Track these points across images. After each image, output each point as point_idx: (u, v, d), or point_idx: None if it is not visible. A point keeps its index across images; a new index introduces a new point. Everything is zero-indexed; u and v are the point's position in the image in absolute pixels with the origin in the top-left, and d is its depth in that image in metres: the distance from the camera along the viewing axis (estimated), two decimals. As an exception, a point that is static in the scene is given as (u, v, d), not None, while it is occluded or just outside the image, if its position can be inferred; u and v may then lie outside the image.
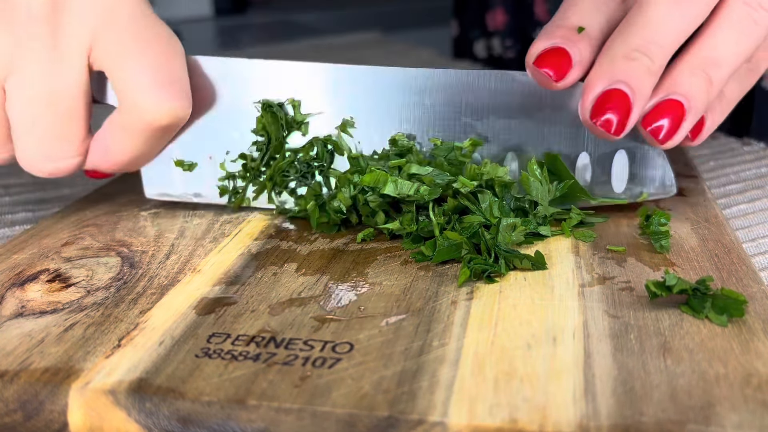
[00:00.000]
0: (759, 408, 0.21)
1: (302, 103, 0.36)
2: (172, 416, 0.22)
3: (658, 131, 0.31)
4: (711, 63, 0.31)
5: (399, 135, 0.35)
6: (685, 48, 0.31)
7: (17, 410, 0.23)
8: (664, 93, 0.31)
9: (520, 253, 0.30)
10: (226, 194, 0.37)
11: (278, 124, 0.36)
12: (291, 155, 0.36)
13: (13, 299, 0.29)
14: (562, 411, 0.21)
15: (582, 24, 0.33)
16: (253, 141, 0.37)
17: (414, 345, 0.25)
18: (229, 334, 0.26)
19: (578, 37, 0.32)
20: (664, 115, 0.31)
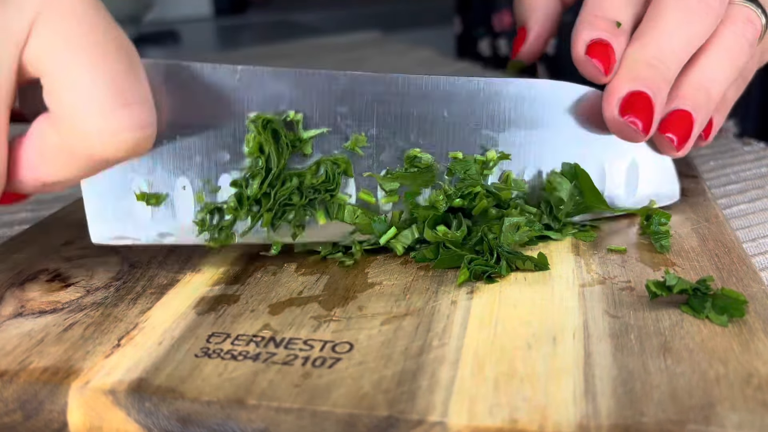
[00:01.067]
0: (759, 408, 0.21)
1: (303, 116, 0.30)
2: (172, 416, 0.22)
3: (673, 139, 0.33)
4: (710, 81, 0.34)
5: (416, 151, 0.32)
6: (686, 67, 0.34)
7: (17, 410, 0.23)
8: (674, 104, 0.33)
9: (523, 254, 0.30)
10: (205, 231, 0.30)
11: (280, 144, 0.29)
12: (294, 180, 0.30)
13: (12, 299, 0.29)
14: (562, 411, 0.21)
15: (618, 17, 0.34)
16: (246, 165, 0.29)
17: (414, 345, 0.25)
18: (229, 333, 0.26)
19: (618, 32, 0.33)
20: (678, 124, 0.33)
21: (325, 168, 0.31)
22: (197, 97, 0.29)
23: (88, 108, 0.24)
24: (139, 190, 0.29)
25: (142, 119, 0.25)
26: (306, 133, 0.30)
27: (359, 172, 0.31)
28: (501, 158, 0.33)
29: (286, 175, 0.30)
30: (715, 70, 0.34)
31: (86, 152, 0.25)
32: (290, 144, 0.30)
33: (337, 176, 0.31)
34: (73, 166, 0.25)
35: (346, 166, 0.31)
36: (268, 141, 0.29)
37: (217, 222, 0.30)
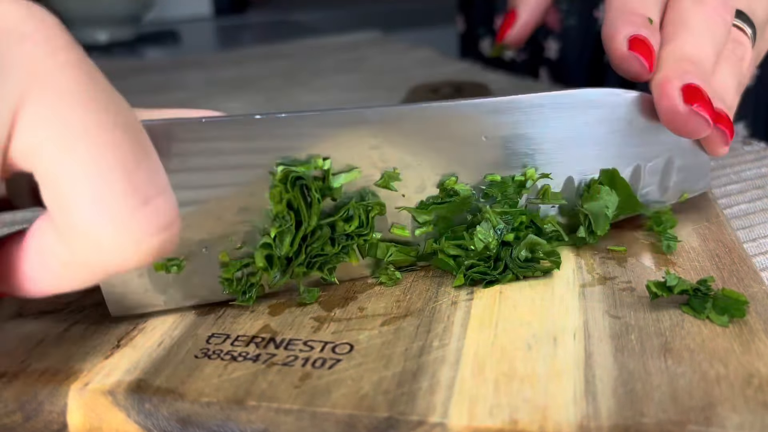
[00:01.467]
0: (760, 408, 0.21)
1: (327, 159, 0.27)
2: (172, 417, 0.22)
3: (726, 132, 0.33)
4: (724, 90, 0.34)
5: (452, 180, 0.30)
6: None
7: (16, 411, 0.23)
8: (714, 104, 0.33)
9: (534, 266, 0.29)
10: (233, 289, 0.28)
11: (310, 197, 0.27)
12: (326, 229, 0.28)
13: (12, 299, 0.29)
14: (563, 412, 0.21)
15: (648, 14, 0.33)
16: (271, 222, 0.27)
17: (414, 346, 0.24)
18: (229, 334, 0.26)
19: (653, 28, 0.33)
20: (722, 120, 0.32)
21: (358, 213, 0.28)
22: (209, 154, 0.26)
23: (98, 215, 0.19)
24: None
25: (167, 216, 0.20)
26: (336, 180, 0.28)
27: (390, 207, 0.29)
28: (542, 177, 0.31)
29: (317, 226, 0.27)
30: (726, 83, 0.34)
31: (102, 266, 0.20)
32: (321, 196, 0.27)
33: (371, 220, 0.29)
34: (84, 279, 0.21)
35: (380, 209, 0.29)
36: (296, 197, 0.27)
37: (245, 281, 0.28)
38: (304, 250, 0.27)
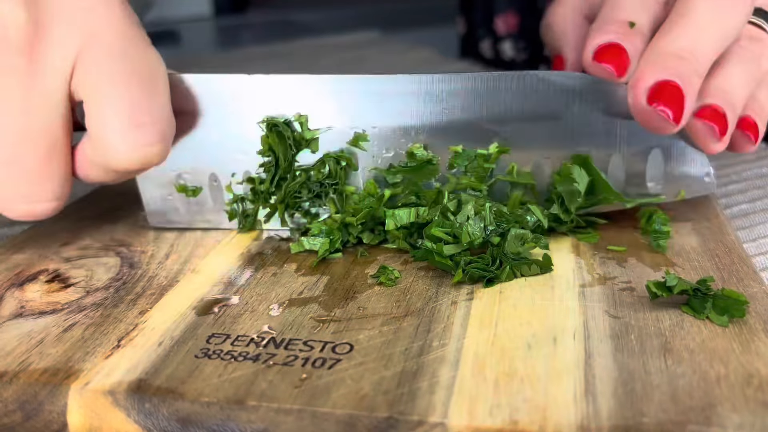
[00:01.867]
0: (760, 408, 0.21)
1: (309, 117, 0.33)
2: (172, 417, 0.22)
3: (713, 128, 0.32)
4: (731, 88, 0.33)
5: (416, 146, 0.33)
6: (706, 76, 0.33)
7: (16, 411, 0.23)
8: (706, 101, 0.32)
9: (528, 259, 0.29)
10: (235, 218, 0.35)
11: (285, 144, 0.33)
12: (302, 175, 0.33)
13: (12, 299, 0.29)
14: (563, 412, 0.21)
15: (630, 18, 0.33)
16: (260, 162, 0.34)
17: (414, 345, 0.24)
18: (229, 334, 0.26)
19: (631, 32, 0.33)
20: (715, 116, 0.32)
21: (329, 164, 0.33)
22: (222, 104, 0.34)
23: (115, 128, 0.29)
24: (179, 184, 0.35)
25: (160, 136, 0.30)
26: (309, 133, 0.33)
27: (365, 168, 0.34)
28: (500, 152, 0.33)
29: (295, 170, 0.33)
30: (733, 80, 0.33)
31: (110, 165, 0.30)
32: (295, 143, 0.33)
33: (340, 171, 0.33)
34: (103, 175, 0.31)
35: (348, 161, 0.33)
36: (275, 141, 0.33)
37: (242, 210, 0.35)
38: (284, 189, 0.34)
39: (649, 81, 0.31)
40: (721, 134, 0.32)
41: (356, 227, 0.33)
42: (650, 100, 0.31)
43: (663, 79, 0.31)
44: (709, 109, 0.32)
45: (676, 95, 0.31)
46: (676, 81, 0.31)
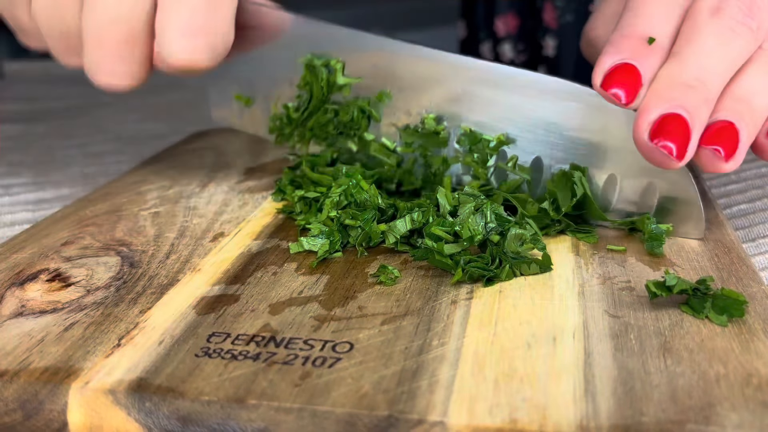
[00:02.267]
0: (759, 408, 0.21)
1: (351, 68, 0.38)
2: (172, 415, 0.22)
3: (720, 150, 0.30)
4: (752, 92, 0.31)
5: (430, 117, 0.37)
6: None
7: (17, 410, 0.23)
8: (714, 117, 0.30)
9: (528, 258, 0.29)
10: (274, 132, 0.42)
11: (318, 84, 0.38)
12: (331, 113, 0.39)
13: (12, 299, 0.29)
14: (562, 411, 0.21)
15: (652, 33, 0.31)
16: (297, 94, 0.40)
17: (414, 344, 0.25)
18: (229, 333, 0.26)
19: (649, 50, 0.31)
20: (722, 134, 0.30)
21: (354, 110, 0.38)
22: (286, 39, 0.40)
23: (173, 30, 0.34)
24: (237, 92, 0.43)
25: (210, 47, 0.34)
26: (343, 78, 0.39)
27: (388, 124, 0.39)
28: (504, 143, 0.35)
29: (325, 108, 0.39)
30: (756, 83, 0.31)
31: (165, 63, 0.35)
32: (327, 84, 0.39)
33: (362, 119, 0.39)
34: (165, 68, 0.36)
35: (370, 112, 0.39)
36: (311, 79, 0.39)
37: (279, 129, 0.41)
38: (313, 121, 0.39)
39: (652, 114, 0.30)
40: (728, 155, 0.30)
41: (356, 230, 0.33)
42: (653, 135, 0.29)
43: (668, 112, 0.29)
44: (716, 127, 0.30)
45: (682, 128, 0.29)
46: (682, 113, 0.29)
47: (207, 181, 0.43)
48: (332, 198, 0.34)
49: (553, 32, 0.71)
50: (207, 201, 0.40)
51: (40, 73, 1.01)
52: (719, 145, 0.30)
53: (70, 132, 0.68)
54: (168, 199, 0.40)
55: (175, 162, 0.48)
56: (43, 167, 0.56)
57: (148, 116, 0.73)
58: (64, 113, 0.76)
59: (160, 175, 0.45)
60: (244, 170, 0.45)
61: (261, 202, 0.39)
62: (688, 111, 0.29)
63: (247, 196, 0.40)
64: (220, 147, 0.51)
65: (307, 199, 0.36)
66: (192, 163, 0.47)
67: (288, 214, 0.37)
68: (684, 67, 0.30)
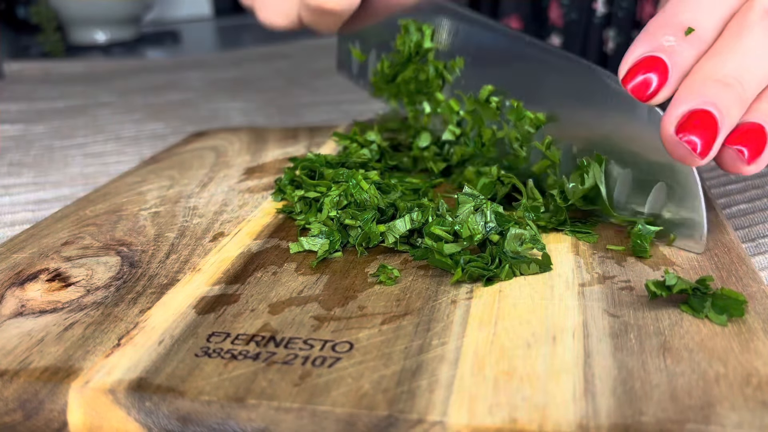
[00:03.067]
0: (759, 407, 0.21)
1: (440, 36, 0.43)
2: (172, 415, 0.22)
3: (743, 151, 0.29)
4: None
5: (487, 88, 0.39)
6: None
7: (17, 409, 0.23)
8: (747, 118, 0.30)
9: (528, 257, 0.29)
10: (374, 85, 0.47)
11: (408, 44, 0.43)
12: (412, 70, 0.44)
13: (12, 298, 0.29)
14: (562, 410, 0.21)
15: (694, 24, 0.30)
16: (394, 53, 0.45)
17: (413, 344, 0.25)
18: (229, 333, 0.26)
19: (686, 41, 0.30)
20: (748, 136, 0.29)
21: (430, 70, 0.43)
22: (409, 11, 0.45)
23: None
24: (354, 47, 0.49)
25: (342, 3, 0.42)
26: (429, 43, 0.43)
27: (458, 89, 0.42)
28: (542, 122, 0.36)
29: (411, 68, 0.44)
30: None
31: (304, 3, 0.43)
32: (415, 45, 0.43)
33: (436, 79, 0.43)
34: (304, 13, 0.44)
35: (443, 73, 0.42)
36: (403, 41, 0.44)
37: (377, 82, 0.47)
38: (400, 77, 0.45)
39: (681, 108, 0.29)
40: (751, 157, 0.29)
41: (356, 230, 0.33)
42: (679, 128, 0.28)
43: (697, 108, 0.29)
44: (744, 128, 0.29)
45: (710, 125, 0.28)
46: (712, 110, 0.28)
47: (207, 181, 0.43)
48: (331, 197, 0.34)
49: (559, 30, 0.71)
50: (207, 201, 0.40)
51: (40, 73, 1.01)
52: (744, 145, 0.29)
53: (70, 132, 0.68)
54: (168, 199, 0.40)
55: (175, 162, 0.48)
56: (43, 167, 0.56)
57: (148, 116, 0.73)
58: (64, 113, 0.76)
59: (160, 175, 0.45)
60: (244, 170, 0.45)
61: (261, 202, 0.39)
62: (719, 109, 0.28)
63: (247, 196, 0.40)
64: (220, 147, 0.51)
65: (307, 199, 0.36)
66: (192, 163, 0.47)
67: (288, 213, 0.37)
68: (723, 64, 0.29)
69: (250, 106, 0.76)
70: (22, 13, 1.51)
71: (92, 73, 1.00)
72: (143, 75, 0.97)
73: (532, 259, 0.29)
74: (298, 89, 0.84)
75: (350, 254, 0.32)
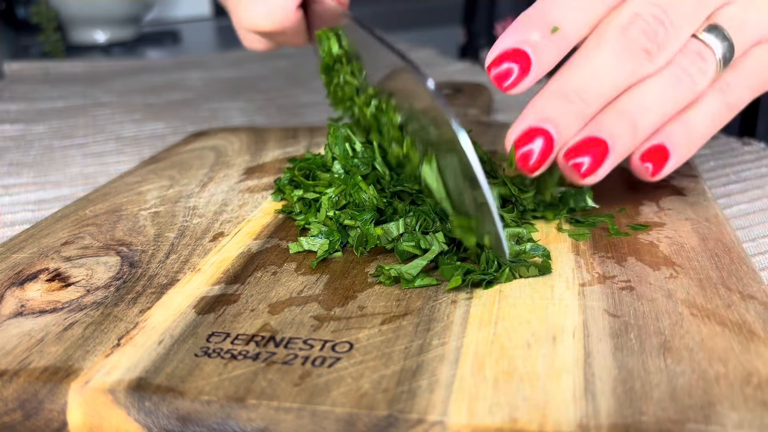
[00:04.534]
0: (759, 407, 0.21)
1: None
2: (172, 415, 0.22)
3: (580, 166, 0.31)
4: (640, 110, 0.31)
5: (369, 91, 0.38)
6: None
7: (16, 409, 0.23)
8: (588, 131, 0.31)
9: (527, 261, 0.29)
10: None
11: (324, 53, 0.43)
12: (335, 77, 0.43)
13: (12, 298, 0.29)
14: (562, 410, 0.21)
15: (561, 22, 0.31)
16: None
17: (413, 344, 0.25)
18: (229, 333, 0.26)
19: (548, 40, 0.31)
20: (587, 151, 0.31)
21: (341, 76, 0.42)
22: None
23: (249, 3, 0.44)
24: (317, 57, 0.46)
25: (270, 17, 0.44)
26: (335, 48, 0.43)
27: None
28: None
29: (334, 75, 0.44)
30: (647, 100, 0.31)
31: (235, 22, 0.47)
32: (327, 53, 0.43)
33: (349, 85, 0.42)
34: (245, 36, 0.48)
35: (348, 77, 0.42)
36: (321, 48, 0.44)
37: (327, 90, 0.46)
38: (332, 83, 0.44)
39: (522, 124, 0.30)
40: (588, 171, 0.31)
41: (355, 230, 0.33)
42: (518, 143, 0.30)
43: (535, 125, 0.30)
44: (584, 140, 0.31)
45: (544, 142, 0.30)
46: (548, 127, 0.30)
47: (207, 181, 0.43)
48: (328, 195, 0.34)
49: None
50: (207, 201, 0.40)
51: (40, 73, 1.01)
52: (583, 157, 0.31)
53: (70, 132, 0.68)
54: (168, 199, 0.40)
55: (175, 162, 0.48)
56: (43, 167, 0.56)
57: (148, 116, 0.73)
58: (64, 113, 0.76)
59: (160, 175, 0.45)
60: (243, 170, 0.45)
61: (261, 202, 0.39)
62: (557, 125, 0.30)
63: (247, 195, 0.40)
64: (220, 147, 0.51)
65: (306, 200, 0.36)
66: (192, 163, 0.47)
67: (288, 214, 0.37)
68: (569, 78, 0.31)
69: (250, 106, 0.76)
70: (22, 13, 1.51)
71: (92, 73, 1.00)
72: (143, 75, 0.97)
73: (531, 264, 0.29)
74: (298, 89, 0.84)
75: (350, 254, 0.32)
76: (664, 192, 0.38)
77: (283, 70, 0.97)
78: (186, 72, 0.98)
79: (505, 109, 0.66)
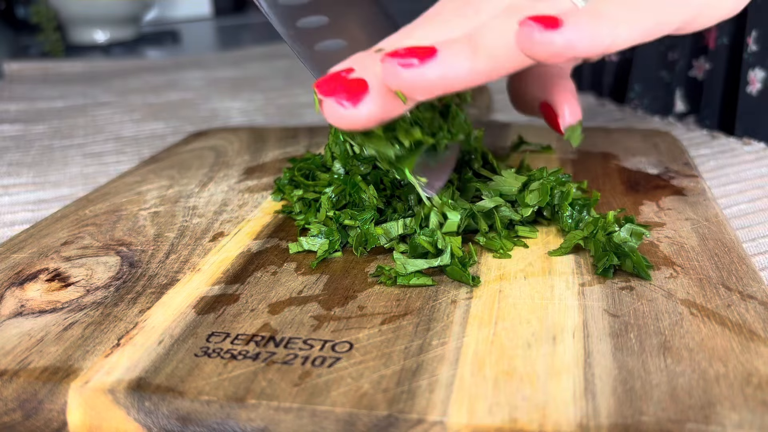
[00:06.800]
0: (759, 407, 0.21)
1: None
2: (172, 415, 0.22)
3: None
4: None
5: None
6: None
7: (16, 409, 0.23)
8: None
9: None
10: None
11: None
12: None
13: (12, 298, 0.29)
14: (562, 410, 0.21)
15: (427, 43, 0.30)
16: None
17: (413, 344, 0.25)
18: (229, 333, 0.26)
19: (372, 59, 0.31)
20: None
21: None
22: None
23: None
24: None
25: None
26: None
27: None
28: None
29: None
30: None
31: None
32: None
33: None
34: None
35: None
36: None
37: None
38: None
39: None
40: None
41: (355, 230, 0.33)
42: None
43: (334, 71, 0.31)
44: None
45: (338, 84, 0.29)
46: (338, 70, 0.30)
47: (207, 181, 0.43)
48: (329, 195, 0.34)
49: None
50: (206, 201, 0.40)
51: (40, 73, 1.01)
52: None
53: (70, 132, 0.68)
54: (168, 199, 0.40)
55: (174, 162, 0.48)
56: (42, 167, 0.56)
57: (148, 116, 0.73)
58: (63, 113, 0.76)
59: (159, 175, 0.45)
60: (243, 170, 0.45)
61: (260, 202, 0.39)
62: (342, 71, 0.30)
63: (247, 195, 0.40)
64: (220, 147, 0.51)
65: (306, 200, 0.36)
66: (192, 163, 0.47)
67: (287, 213, 0.37)
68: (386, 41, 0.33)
69: (250, 106, 0.76)
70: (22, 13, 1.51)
71: (92, 72, 1.00)
72: (143, 75, 0.97)
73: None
74: (298, 89, 0.84)
75: (350, 254, 0.32)
76: (664, 192, 0.38)
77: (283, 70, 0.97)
78: (186, 72, 0.98)
79: (506, 109, 0.66)
